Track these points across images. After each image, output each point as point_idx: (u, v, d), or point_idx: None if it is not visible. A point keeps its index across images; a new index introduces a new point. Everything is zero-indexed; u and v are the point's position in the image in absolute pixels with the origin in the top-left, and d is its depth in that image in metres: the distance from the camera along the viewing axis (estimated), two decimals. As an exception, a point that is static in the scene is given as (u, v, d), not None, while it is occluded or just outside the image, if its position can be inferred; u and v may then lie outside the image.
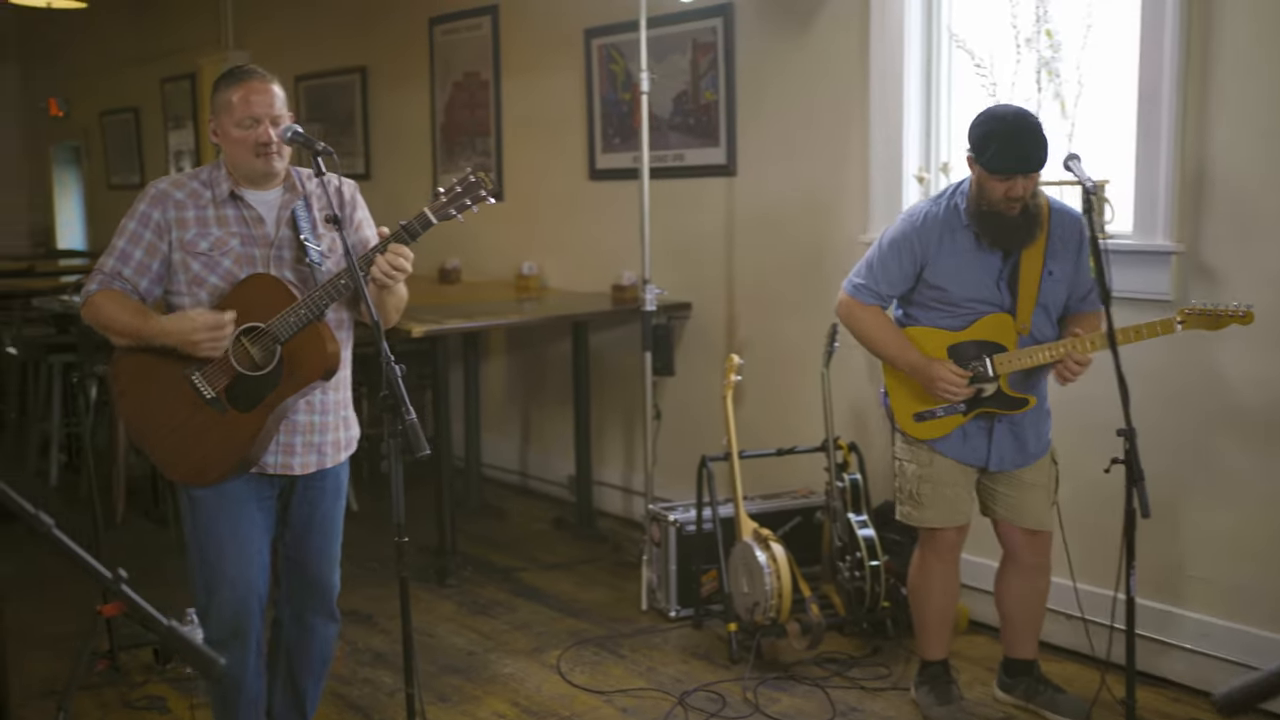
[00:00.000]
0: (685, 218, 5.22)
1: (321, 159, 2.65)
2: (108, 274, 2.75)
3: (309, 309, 2.65)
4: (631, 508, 5.61)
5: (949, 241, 3.23)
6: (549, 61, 5.92)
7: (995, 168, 3.06)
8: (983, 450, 3.34)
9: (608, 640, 4.14)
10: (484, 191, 2.68)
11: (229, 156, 2.78)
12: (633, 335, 5.36)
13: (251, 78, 2.76)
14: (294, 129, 2.71)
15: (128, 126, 10.26)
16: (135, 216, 2.77)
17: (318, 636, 3.04)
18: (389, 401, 2.46)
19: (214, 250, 2.74)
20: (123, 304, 2.73)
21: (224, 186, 2.77)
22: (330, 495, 2.95)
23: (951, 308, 3.27)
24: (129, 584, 1.52)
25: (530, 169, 6.09)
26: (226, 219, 2.76)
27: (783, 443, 4.50)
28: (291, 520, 2.93)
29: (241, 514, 2.82)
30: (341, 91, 7.43)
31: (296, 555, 2.96)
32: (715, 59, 5.02)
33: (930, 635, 3.52)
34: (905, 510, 3.45)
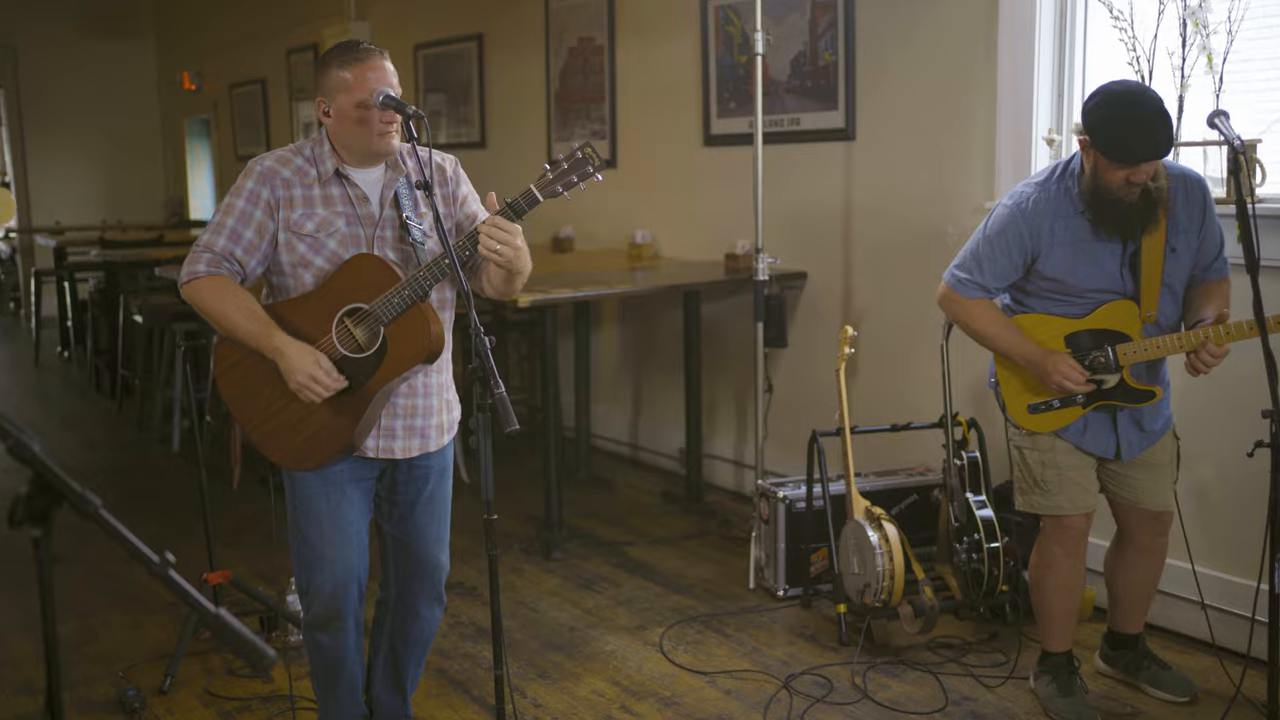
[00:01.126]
0: (801, 184, 5.04)
1: (413, 124, 2.57)
2: (218, 254, 2.64)
3: (412, 290, 2.58)
4: (742, 482, 5.47)
5: (1061, 230, 3.00)
6: (664, 24, 5.77)
7: (1116, 157, 2.82)
8: (1107, 441, 3.14)
9: (712, 619, 4.03)
10: (591, 168, 2.58)
11: (342, 136, 2.67)
12: (746, 305, 5.21)
13: (370, 55, 2.63)
14: (385, 92, 2.63)
15: (255, 98, 10.45)
16: (244, 194, 2.66)
17: (423, 620, 2.98)
18: (478, 374, 2.37)
19: (320, 232, 2.66)
20: (238, 303, 2.61)
21: (329, 164, 2.68)
22: (436, 475, 2.88)
23: (1068, 297, 3.07)
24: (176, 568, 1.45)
25: (644, 135, 5.97)
26: (332, 198, 2.68)
27: (899, 418, 4.32)
28: (398, 500, 2.86)
29: (342, 496, 2.77)
30: (458, 60, 7.40)
31: (403, 535, 2.89)
32: (835, 18, 4.82)
33: (1054, 627, 3.32)
34: (1031, 499, 3.22)
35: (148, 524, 5.23)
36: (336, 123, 2.66)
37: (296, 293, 2.70)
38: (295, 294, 2.70)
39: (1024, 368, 3.10)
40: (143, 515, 5.40)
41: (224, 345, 2.73)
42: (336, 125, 2.66)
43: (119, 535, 1.40)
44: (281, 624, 3.92)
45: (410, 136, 2.59)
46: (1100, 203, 2.92)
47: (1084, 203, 2.97)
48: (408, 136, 2.59)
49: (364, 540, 2.83)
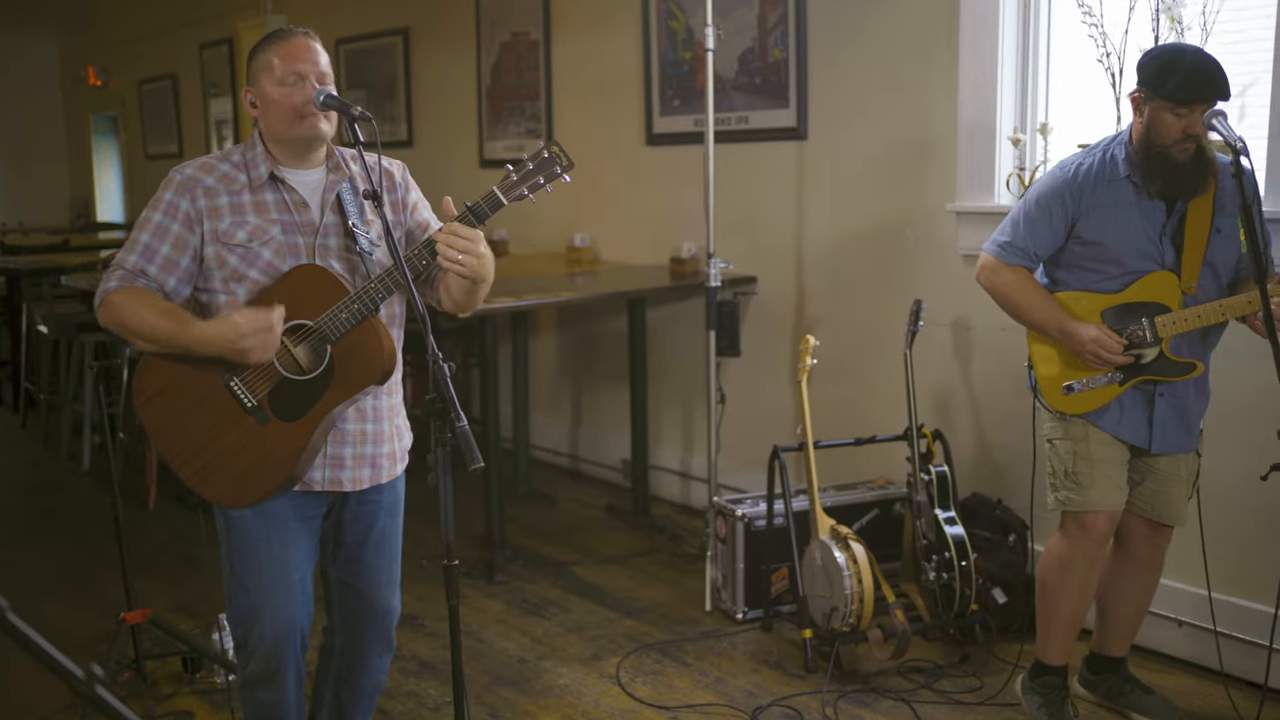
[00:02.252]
0: (750, 185, 4.84)
1: (359, 126, 2.32)
2: (129, 271, 2.39)
3: (362, 304, 2.32)
4: (689, 494, 5.27)
5: (1105, 193, 2.91)
6: (603, 19, 5.54)
7: (1181, 97, 2.73)
8: (1142, 428, 2.97)
9: (670, 645, 3.82)
10: (559, 168, 2.35)
11: (269, 126, 2.43)
12: (693, 311, 5.01)
13: (293, 35, 2.43)
14: (327, 91, 2.37)
15: (165, 95, 10.01)
16: (160, 207, 2.41)
17: (371, 669, 2.72)
18: (437, 406, 2.12)
19: (252, 241, 2.39)
20: (150, 305, 2.37)
21: (262, 168, 2.42)
22: (387, 510, 2.62)
23: (1107, 266, 2.93)
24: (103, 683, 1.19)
25: (583, 134, 5.73)
26: (265, 205, 2.42)
27: (857, 430, 4.15)
28: (345, 540, 2.59)
29: (284, 537, 2.49)
30: (383, 55, 7.10)
31: (350, 579, 2.62)
32: (785, 13, 4.63)
33: (1056, 637, 3.14)
34: (1062, 495, 3.03)
35: (57, 551, 4.88)
36: (263, 111, 2.42)
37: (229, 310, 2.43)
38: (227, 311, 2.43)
39: (1059, 341, 2.97)
40: (51, 541, 5.04)
41: (146, 372, 2.45)
42: (263, 113, 2.43)
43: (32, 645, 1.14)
44: (206, 665, 3.63)
45: (355, 140, 2.33)
46: (1151, 160, 2.84)
47: (1132, 165, 2.88)
48: (353, 140, 2.34)
49: (308, 587, 2.56)
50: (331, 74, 2.45)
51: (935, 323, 4.08)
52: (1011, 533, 3.82)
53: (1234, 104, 3.24)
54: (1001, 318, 3.51)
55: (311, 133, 2.39)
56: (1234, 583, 3.39)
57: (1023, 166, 3.91)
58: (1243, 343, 3.03)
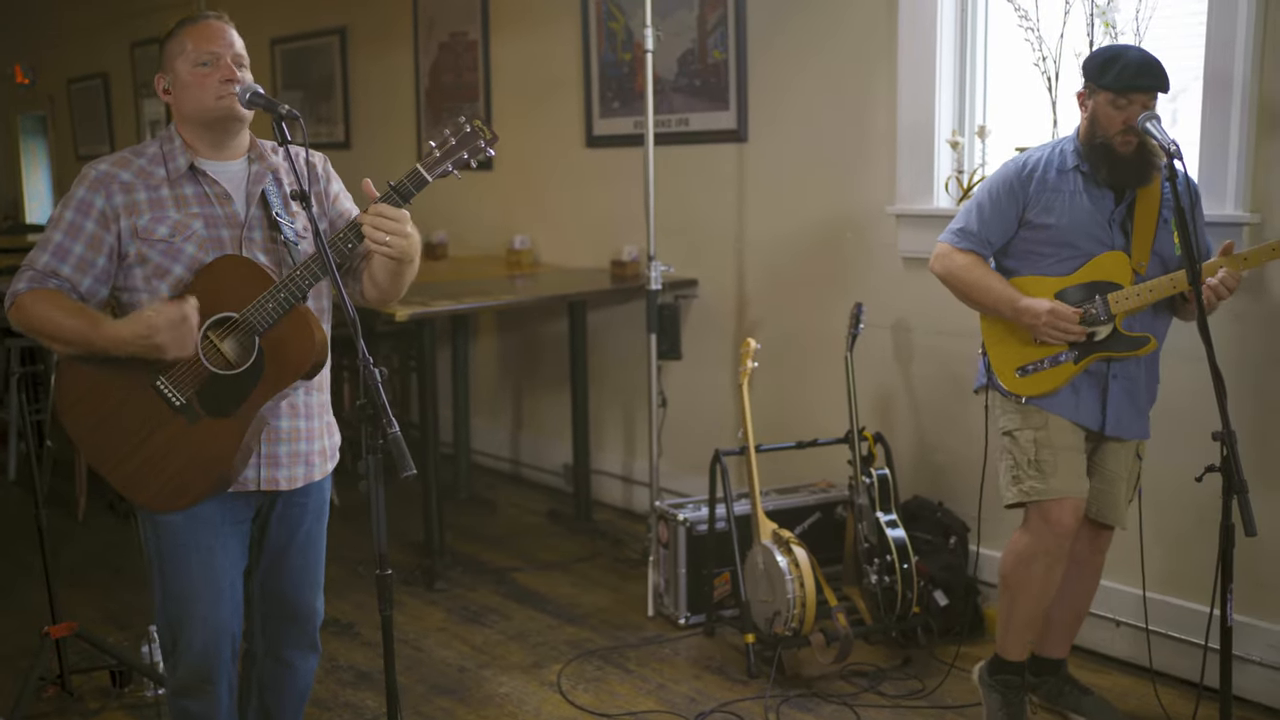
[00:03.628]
0: (690, 188, 4.82)
1: (285, 125, 2.26)
2: (40, 271, 2.31)
3: (289, 292, 2.26)
4: (631, 499, 5.24)
5: (1056, 180, 2.97)
6: (542, 19, 5.49)
7: (1121, 85, 2.80)
8: (1095, 411, 2.99)
9: (612, 652, 3.78)
10: (483, 142, 2.29)
11: (184, 110, 2.37)
12: (634, 314, 4.98)
13: (206, 18, 2.38)
14: (254, 89, 2.31)
15: (96, 94, 9.79)
16: (73, 204, 2.33)
17: (297, 672, 2.66)
18: (368, 412, 2.07)
19: (175, 236, 2.33)
20: (61, 306, 2.29)
21: (180, 160, 2.36)
22: (313, 514, 2.56)
23: (1059, 249, 2.96)
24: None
25: (522, 136, 5.68)
26: (185, 198, 2.35)
27: (798, 433, 4.14)
28: (268, 543, 2.53)
29: (214, 542, 2.42)
30: (319, 55, 6.99)
31: (272, 582, 2.56)
32: (724, 14, 4.61)
33: (1016, 633, 3.12)
34: (1026, 486, 3.00)
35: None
36: (176, 96, 2.37)
37: None
38: None
39: (1014, 321, 2.97)
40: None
41: (65, 375, 2.36)
42: (177, 99, 2.37)
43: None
44: (135, 678, 3.54)
45: (283, 139, 2.28)
46: (1095, 150, 2.90)
47: (1080, 155, 2.94)
48: (280, 140, 2.28)
49: (239, 593, 2.50)
50: (247, 57, 2.40)
51: (876, 325, 4.08)
52: (953, 535, 3.83)
53: (1166, 109, 3.28)
54: (941, 320, 3.53)
55: (227, 111, 2.33)
56: (1169, 582, 3.42)
57: (961, 169, 3.92)
58: (1181, 343, 3.05)
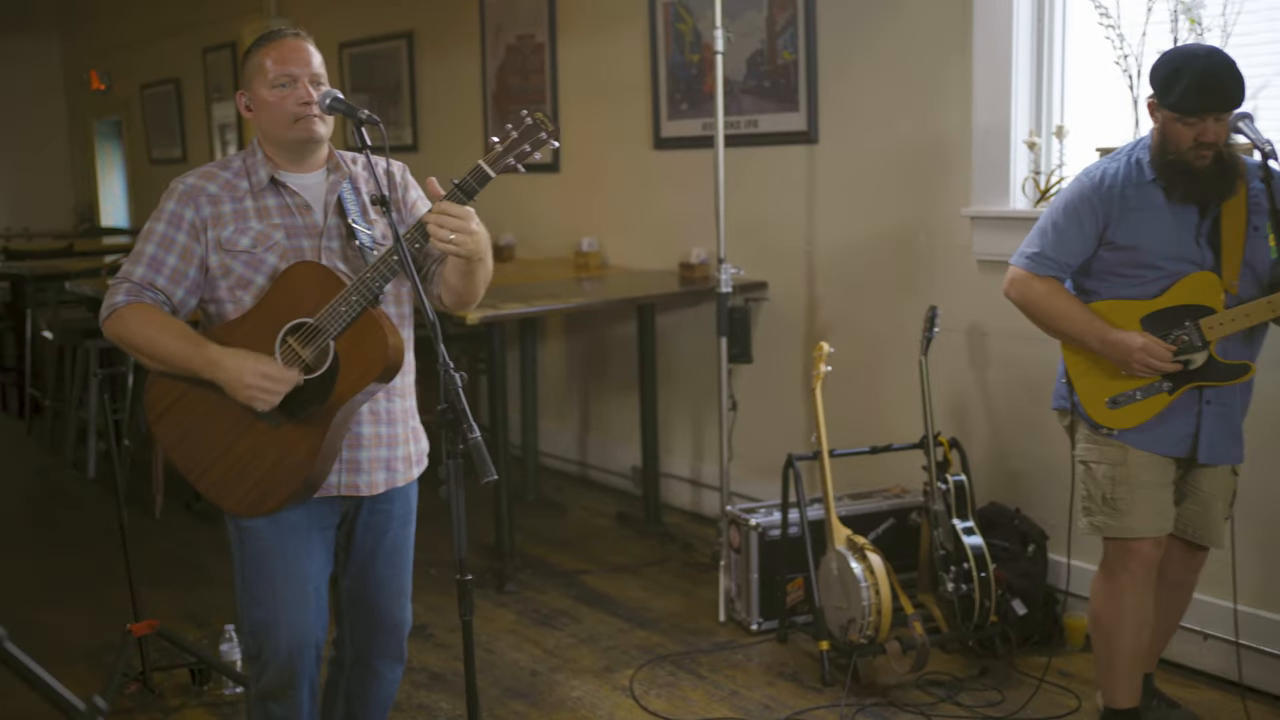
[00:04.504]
0: (759, 189, 4.79)
1: (365, 129, 2.28)
2: (137, 284, 2.36)
3: (360, 294, 2.28)
4: (700, 502, 5.22)
5: (1135, 196, 2.80)
6: (610, 22, 5.49)
7: (1184, 108, 2.65)
8: (1186, 440, 2.84)
9: (684, 658, 3.77)
10: (545, 134, 2.26)
11: (264, 129, 2.42)
12: (702, 317, 4.96)
13: (283, 36, 2.41)
14: (334, 94, 2.34)
15: (169, 99, 9.96)
16: (164, 217, 2.39)
17: (384, 681, 2.67)
18: (448, 417, 2.07)
19: (257, 247, 2.37)
20: (163, 325, 2.34)
21: (262, 172, 2.40)
22: (399, 520, 2.57)
23: (1143, 271, 2.81)
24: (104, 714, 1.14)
25: (589, 138, 5.69)
26: (268, 210, 2.40)
27: (871, 438, 4.09)
28: (354, 550, 2.55)
29: (300, 548, 2.45)
30: (387, 59, 7.05)
31: (359, 590, 2.58)
32: (794, 15, 4.58)
33: (1120, 676, 2.96)
34: (1099, 520, 2.90)
35: (63, 560, 4.84)
36: (257, 115, 2.41)
37: (238, 319, 2.40)
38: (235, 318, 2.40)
39: (1100, 354, 2.84)
40: (57, 550, 5.00)
41: (155, 388, 2.42)
42: (258, 117, 2.41)
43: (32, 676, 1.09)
44: (214, 676, 3.59)
45: (362, 144, 2.30)
46: (1171, 169, 2.74)
47: (1155, 170, 2.78)
48: (360, 144, 2.30)
49: (323, 598, 2.52)
50: (325, 73, 2.42)
51: (950, 329, 4.03)
52: (1030, 543, 3.76)
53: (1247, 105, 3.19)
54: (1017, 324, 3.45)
55: (306, 134, 2.37)
56: (1261, 595, 3.33)
57: (1038, 170, 3.86)
58: (1276, 348, 2.96)
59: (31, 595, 4.46)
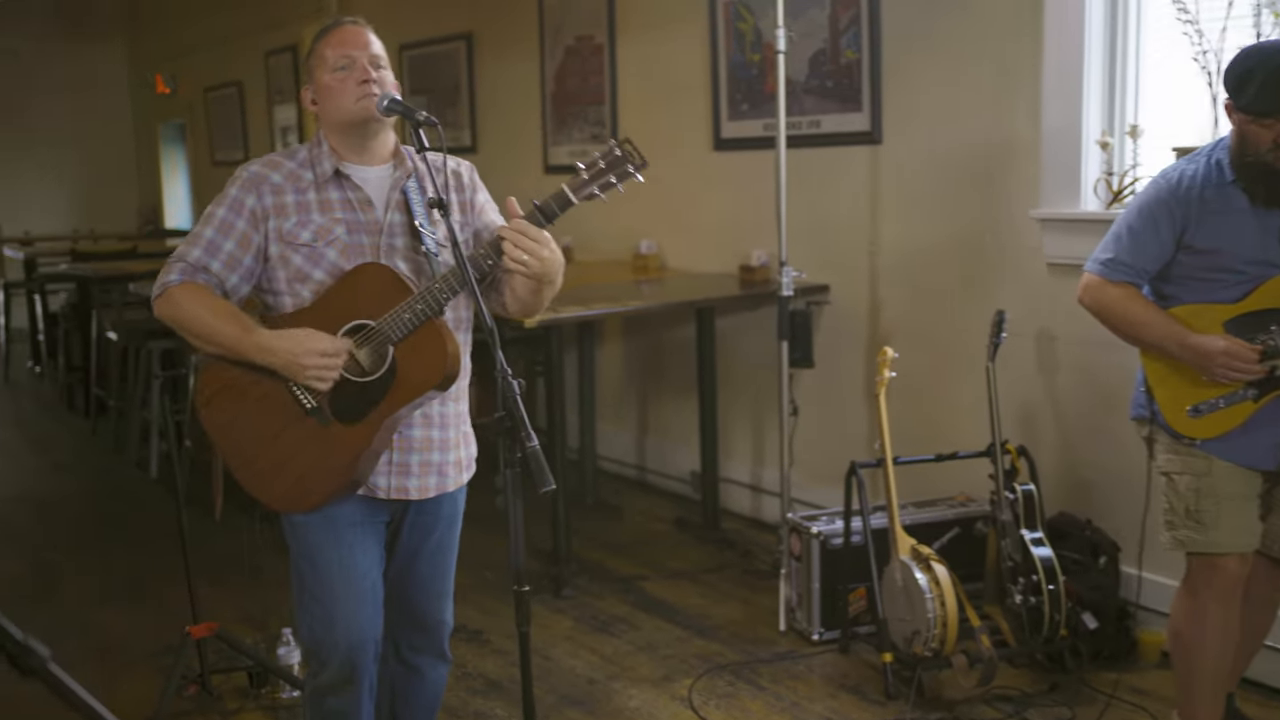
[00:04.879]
0: (821, 191, 4.71)
1: (423, 131, 2.24)
2: (192, 265, 2.34)
3: (425, 304, 2.25)
4: (760, 508, 5.15)
5: (1215, 199, 2.69)
6: (669, 21, 5.44)
7: (1260, 109, 2.54)
8: (1271, 450, 2.73)
9: (744, 667, 3.70)
10: (632, 167, 2.26)
11: (327, 116, 2.39)
12: (763, 320, 4.89)
13: (341, 24, 2.41)
14: (391, 95, 2.31)
15: (232, 102, 10.07)
16: (226, 202, 2.37)
17: (426, 680, 2.65)
18: (506, 424, 2.03)
19: (317, 240, 2.35)
20: (214, 306, 2.32)
21: (326, 164, 2.37)
22: (446, 522, 2.55)
23: (1223, 275, 2.70)
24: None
25: (648, 140, 5.55)
26: (330, 203, 2.37)
27: (936, 445, 4.00)
28: (399, 548, 2.53)
29: (354, 542, 2.42)
30: (447, 60, 7.05)
31: (400, 588, 2.56)
32: (857, 13, 4.50)
33: (1202, 698, 2.83)
34: (1182, 535, 2.79)
35: (124, 559, 4.88)
36: (320, 102, 2.39)
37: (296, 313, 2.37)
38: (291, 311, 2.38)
39: (1181, 360, 2.73)
40: (119, 548, 5.04)
41: (206, 372, 2.40)
42: (320, 107, 2.39)
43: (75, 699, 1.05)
44: (272, 680, 3.58)
45: (420, 145, 2.26)
46: (1250, 171, 2.62)
47: (1235, 171, 2.67)
48: (418, 146, 2.27)
49: (379, 593, 2.49)
50: (385, 57, 2.41)
51: (1018, 334, 3.92)
52: (1102, 555, 3.65)
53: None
54: (1089, 329, 3.36)
55: (365, 113, 2.33)
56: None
57: (1111, 171, 3.75)
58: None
59: (95, 595, 4.49)
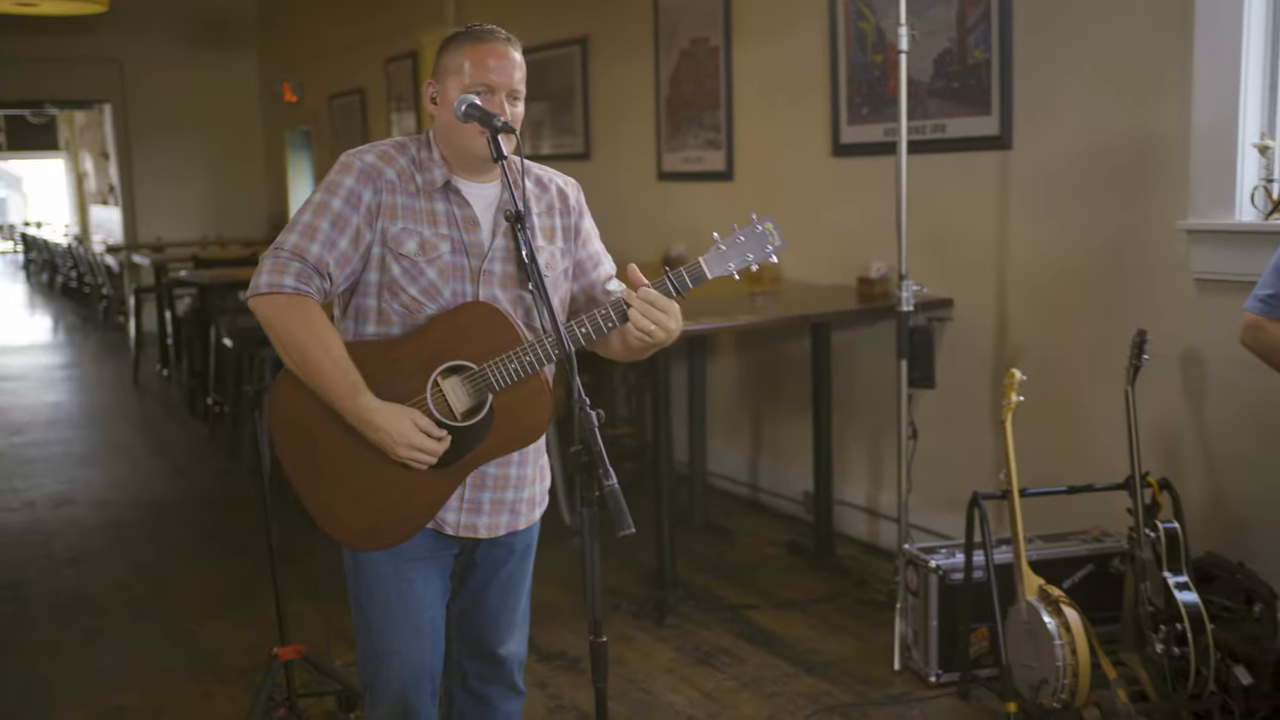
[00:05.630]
0: (946, 199, 4.43)
1: (502, 139, 2.07)
2: (310, 265, 2.10)
3: (535, 356, 2.09)
4: (877, 533, 4.88)
5: None
6: (787, 22, 5.22)
7: None
8: None
9: (854, 710, 3.46)
10: (770, 248, 2.18)
11: (444, 132, 2.18)
12: (881, 336, 4.63)
13: (493, 38, 2.17)
14: (469, 100, 2.12)
15: (354, 109, 10.15)
16: (341, 193, 2.13)
17: (497, 711, 2.48)
18: (583, 459, 1.85)
19: (420, 256, 2.15)
20: (326, 342, 2.09)
21: (436, 174, 2.18)
22: (518, 555, 2.39)
23: None
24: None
25: (764, 145, 5.42)
26: (436, 215, 2.17)
27: (1067, 476, 3.70)
28: (468, 580, 2.38)
29: (416, 576, 2.28)
30: (561, 65, 6.93)
31: (469, 620, 2.41)
32: (987, 9, 4.21)
33: None
34: None
35: (229, 568, 4.85)
36: (440, 111, 2.18)
37: (379, 321, 2.20)
38: (377, 322, 2.20)
39: None
40: (226, 557, 5.02)
41: (284, 386, 2.20)
42: (440, 114, 2.19)
43: None
44: (360, 704, 3.46)
45: (498, 154, 2.08)
46: None
47: None
48: (495, 155, 2.09)
49: (439, 629, 2.34)
50: (523, 88, 2.20)
51: (1161, 356, 3.59)
52: (1257, 602, 3.31)
53: None
54: (1241, 350, 3.04)
55: (486, 154, 2.13)
56: None
57: (1271, 178, 3.40)
58: None
59: (199, 606, 4.46)
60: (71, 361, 10.89)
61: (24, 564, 4.98)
